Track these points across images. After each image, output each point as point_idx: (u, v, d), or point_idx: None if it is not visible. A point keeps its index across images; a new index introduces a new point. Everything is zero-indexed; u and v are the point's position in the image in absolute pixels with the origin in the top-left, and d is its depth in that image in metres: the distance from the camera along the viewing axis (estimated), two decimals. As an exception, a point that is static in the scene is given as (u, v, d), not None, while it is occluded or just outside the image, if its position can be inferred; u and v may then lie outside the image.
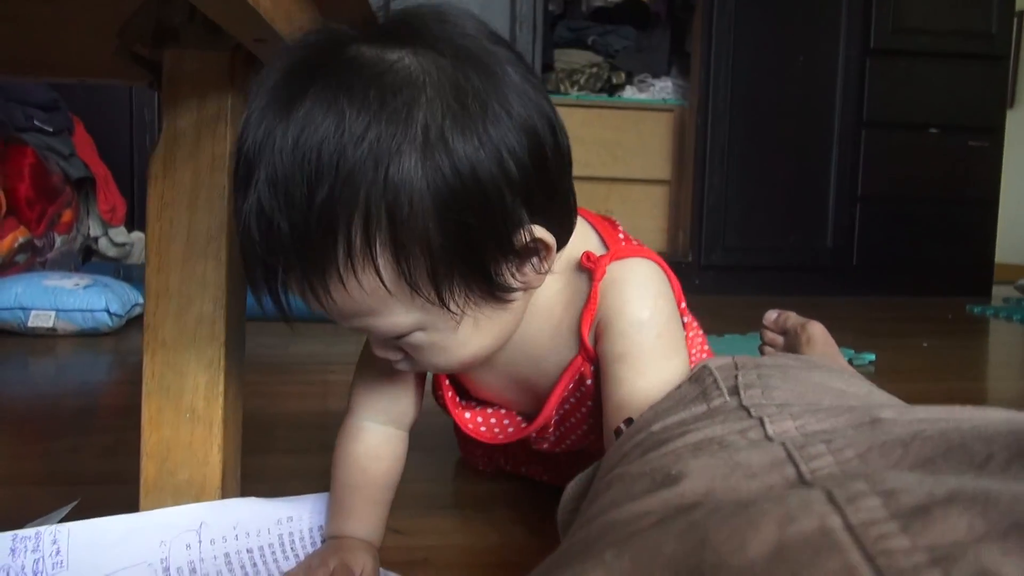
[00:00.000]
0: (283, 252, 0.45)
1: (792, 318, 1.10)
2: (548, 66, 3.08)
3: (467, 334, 0.51)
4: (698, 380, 0.40)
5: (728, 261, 2.83)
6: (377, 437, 0.64)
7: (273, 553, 0.61)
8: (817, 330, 1.04)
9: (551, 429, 0.65)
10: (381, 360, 0.56)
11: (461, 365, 0.54)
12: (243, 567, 0.58)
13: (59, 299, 1.66)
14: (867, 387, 0.46)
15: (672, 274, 0.61)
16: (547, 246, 0.49)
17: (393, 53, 0.45)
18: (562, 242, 0.52)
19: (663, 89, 3.10)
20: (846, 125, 2.84)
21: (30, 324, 1.65)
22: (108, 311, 1.68)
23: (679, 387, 0.42)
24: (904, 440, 0.24)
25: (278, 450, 0.93)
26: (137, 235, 2.34)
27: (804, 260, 2.88)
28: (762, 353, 1.07)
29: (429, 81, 0.44)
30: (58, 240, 2.07)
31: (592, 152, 3.00)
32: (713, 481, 0.25)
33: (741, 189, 2.81)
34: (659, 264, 0.59)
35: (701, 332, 0.89)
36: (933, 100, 2.87)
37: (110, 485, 0.78)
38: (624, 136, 3.00)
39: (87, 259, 2.25)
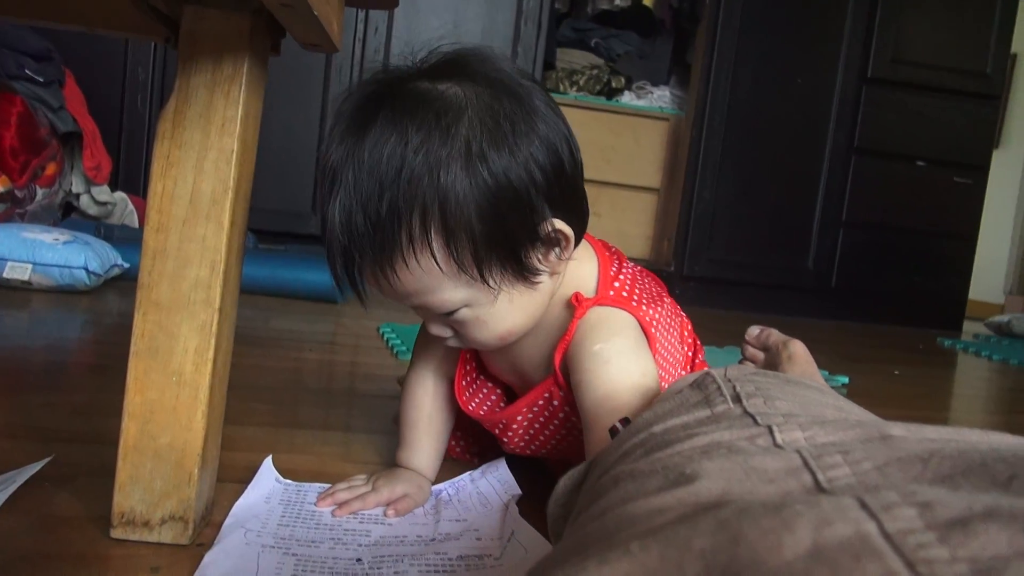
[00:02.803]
0: (360, 241, 0.56)
1: (774, 335, 1.11)
2: (549, 64, 3.07)
3: (504, 309, 0.61)
4: (700, 386, 0.41)
5: (710, 274, 2.85)
6: (430, 383, 0.76)
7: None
8: (799, 349, 1.05)
9: (520, 432, 0.73)
10: None
11: (499, 339, 0.63)
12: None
13: (37, 252, 1.63)
14: (859, 408, 0.46)
15: (649, 331, 0.67)
16: (566, 236, 0.60)
17: (442, 85, 0.56)
18: (579, 233, 0.62)
19: (661, 98, 3.11)
20: (837, 150, 2.87)
21: (5, 275, 1.62)
22: (87, 269, 1.65)
23: (680, 391, 0.42)
24: (923, 457, 0.24)
25: (251, 423, 0.92)
26: (120, 195, 2.30)
27: (785, 279, 2.91)
28: (743, 368, 1.08)
29: (471, 106, 0.55)
30: (39, 193, 2.03)
31: (586, 154, 2.96)
32: (729, 483, 0.25)
33: (729, 204, 2.84)
34: (637, 319, 0.66)
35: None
36: (923, 133, 2.91)
37: (85, 444, 0.77)
38: (619, 141, 3.01)
39: (67, 215, 2.21)
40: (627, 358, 0.63)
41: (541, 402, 0.69)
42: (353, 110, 0.57)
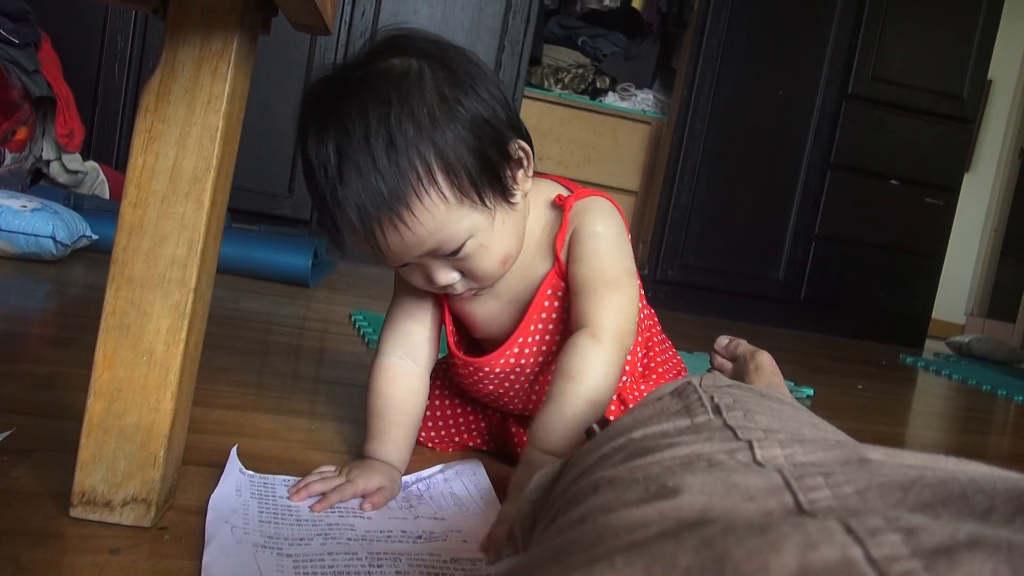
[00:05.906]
0: (377, 199, 0.63)
1: (743, 345, 1.12)
2: (535, 59, 3.07)
3: (500, 231, 0.69)
4: (681, 394, 0.41)
5: (682, 279, 2.87)
6: (395, 369, 0.78)
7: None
8: (766, 360, 1.06)
9: (534, 348, 0.78)
10: (403, 305, 0.80)
11: (501, 263, 0.70)
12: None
13: (3, 219, 1.59)
14: (830, 425, 0.47)
15: (620, 209, 0.80)
16: (527, 152, 0.71)
17: (396, 60, 0.65)
18: (532, 150, 0.72)
19: (644, 100, 3.12)
20: (813, 163, 2.91)
21: (-32, 239, 1.58)
22: (54, 239, 1.62)
23: (660, 398, 0.42)
24: (903, 484, 0.24)
25: (216, 405, 0.90)
26: (91, 164, 2.25)
27: (755, 288, 2.94)
28: (711, 377, 1.09)
29: (426, 66, 0.65)
30: (8, 157, 1.98)
31: (567, 151, 3.00)
32: (711, 499, 0.25)
33: (705, 210, 2.86)
34: (611, 200, 0.79)
35: (670, 344, 0.92)
36: (899, 152, 2.96)
37: (46, 418, 0.75)
38: (600, 141, 3.02)
39: (35, 182, 2.16)
40: (621, 240, 0.76)
41: (547, 303, 0.77)
42: (326, 102, 0.64)
